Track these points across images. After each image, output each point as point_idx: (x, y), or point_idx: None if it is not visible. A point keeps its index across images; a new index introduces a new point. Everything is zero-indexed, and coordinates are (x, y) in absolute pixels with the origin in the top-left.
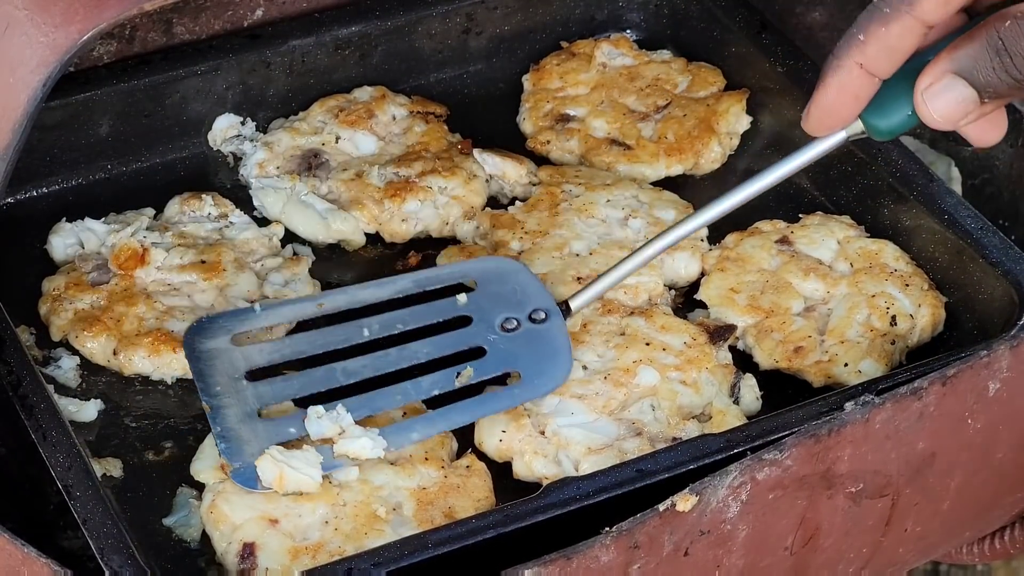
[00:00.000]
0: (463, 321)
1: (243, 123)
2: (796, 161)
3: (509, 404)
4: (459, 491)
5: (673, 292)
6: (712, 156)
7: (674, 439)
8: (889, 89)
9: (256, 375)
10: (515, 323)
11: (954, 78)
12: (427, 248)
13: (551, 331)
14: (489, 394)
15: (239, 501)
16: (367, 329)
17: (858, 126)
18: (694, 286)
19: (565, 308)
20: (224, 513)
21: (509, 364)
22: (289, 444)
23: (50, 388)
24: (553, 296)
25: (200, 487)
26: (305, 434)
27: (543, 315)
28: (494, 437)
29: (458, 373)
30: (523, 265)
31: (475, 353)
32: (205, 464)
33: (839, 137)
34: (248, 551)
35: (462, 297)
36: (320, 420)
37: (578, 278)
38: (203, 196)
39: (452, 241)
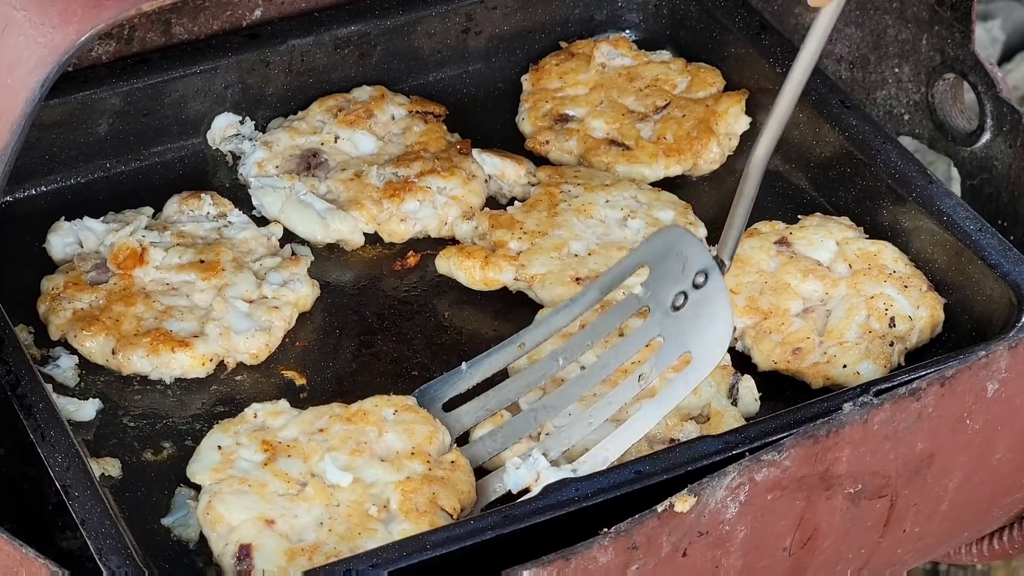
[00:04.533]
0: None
1: (242, 122)
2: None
3: (685, 391)
4: (442, 482)
5: None
6: (711, 157)
7: (672, 440)
8: None
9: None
10: (683, 298)
11: None
12: (426, 248)
13: (711, 294)
14: (666, 391)
15: (235, 502)
16: (561, 358)
17: None
18: None
19: (721, 263)
20: (220, 514)
21: (684, 346)
22: None
23: (48, 387)
24: (709, 252)
25: (197, 488)
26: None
27: (703, 278)
28: None
29: (640, 376)
30: (682, 230)
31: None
32: (202, 465)
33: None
34: (244, 552)
35: (639, 288)
36: (518, 472)
37: (577, 278)
38: (202, 195)
39: (451, 241)
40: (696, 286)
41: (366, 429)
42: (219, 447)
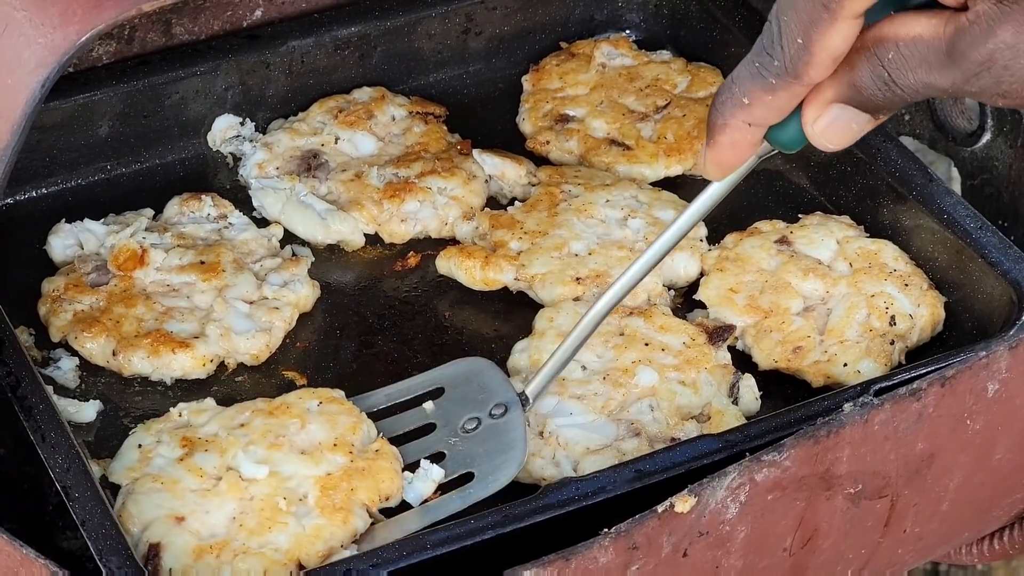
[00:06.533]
0: (431, 427)
1: (242, 124)
2: (706, 200)
3: (460, 505)
4: (363, 474)
5: (672, 292)
6: None
7: (673, 439)
8: None
9: None
10: (476, 423)
11: (840, 107)
12: (426, 248)
13: (508, 424)
14: (443, 498)
15: (147, 500)
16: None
17: (764, 147)
18: (693, 286)
19: (524, 399)
20: (132, 514)
21: (466, 466)
22: None
23: (49, 389)
24: (514, 388)
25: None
26: None
27: (503, 409)
28: None
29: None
30: (490, 363)
31: (439, 457)
32: (120, 465)
33: (746, 166)
34: (153, 552)
35: (429, 405)
36: (411, 485)
37: (577, 278)
38: (202, 197)
39: (451, 241)
40: (492, 416)
41: (287, 422)
42: (139, 446)
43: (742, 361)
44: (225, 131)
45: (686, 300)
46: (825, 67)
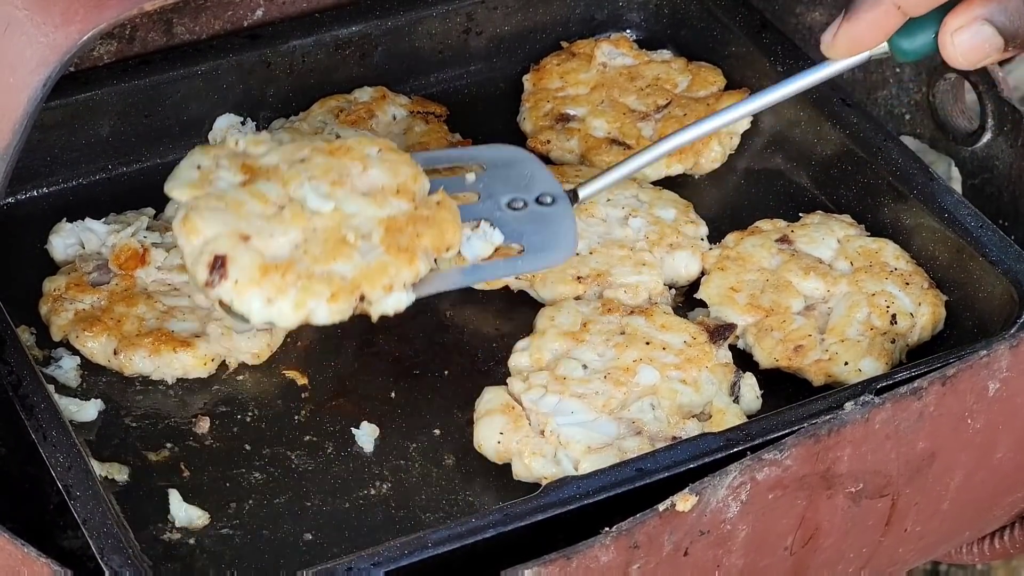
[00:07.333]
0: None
1: (243, 123)
2: (821, 73)
3: (506, 272)
4: (427, 222)
5: (673, 291)
6: (712, 155)
7: (674, 438)
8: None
9: None
10: (523, 203)
11: (984, 24)
12: None
13: (557, 214)
14: (492, 261)
15: (212, 216)
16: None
17: (882, 47)
18: (694, 285)
19: (573, 195)
20: (196, 225)
21: (514, 238)
22: None
23: (50, 388)
24: (560, 184)
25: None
26: None
27: (550, 199)
28: (492, 438)
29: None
30: (533, 156)
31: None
32: (179, 182)
33: (862, 56)
34: (220, 263)
35: (470, 176)
36: (469, 242)
37: (578, 277)
38: None
39: None
40: (539, 202)
41: (348, 164)
42: (198, 167)
43: (743, 360)
44: (226, 130)
45: (687, 299)
46: None
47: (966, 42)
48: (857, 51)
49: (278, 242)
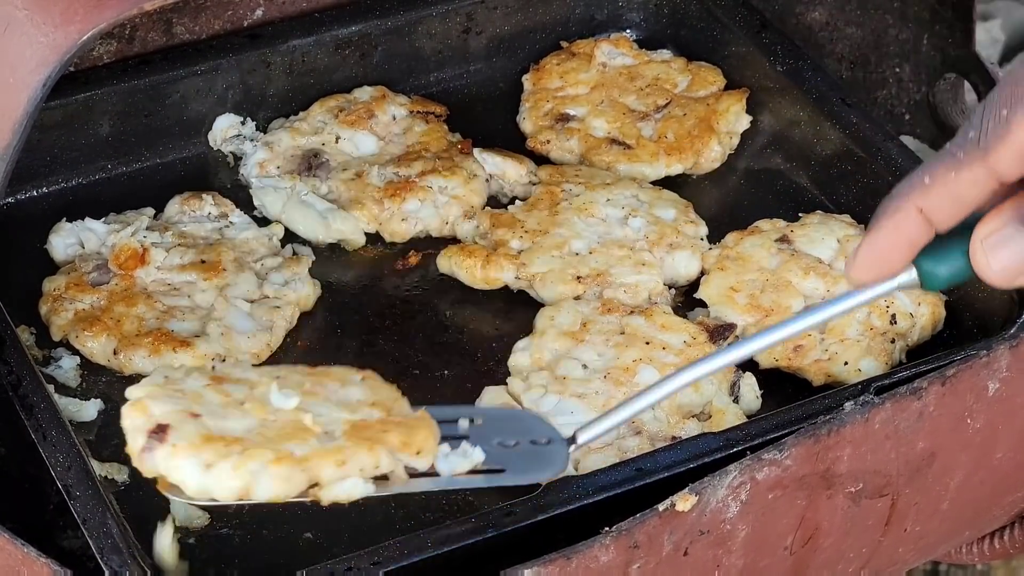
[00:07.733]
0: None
1: (243, 123)
2: (841, 306)
3: (483, 484)
4: (399, 426)
5: (673, 291)
6: (712, 155)
7: (674, 438)
8: (943, 238)
9: None
10: (515, 443)
11: (1017, 228)
12: (427, 248)
13: (551, 450)
14: (469, 476)
15: (165, 400)
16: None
17: (911, 275)
18: (694, 285)
19: (572, 439)
20: (146, 406)
21: (499, 464)
22: None
23: (50, 388)
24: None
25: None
26: None
27: (545, 440)
28: None
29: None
30: (536, 414)
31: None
32: (139, 385)
33: (888, 285)
34: (160, 428)
35: (463, 422)
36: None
37: (577, 277)
38: (203, 196)
39: (452, 240)
40: (534, 443)
41: (327, 382)
42: (165, 377)
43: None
44: (226, 130)
45: (687, 299)
46: (1017, 151)
47: (1001, 250)
48: (880, 270)
49: (230, 424)
